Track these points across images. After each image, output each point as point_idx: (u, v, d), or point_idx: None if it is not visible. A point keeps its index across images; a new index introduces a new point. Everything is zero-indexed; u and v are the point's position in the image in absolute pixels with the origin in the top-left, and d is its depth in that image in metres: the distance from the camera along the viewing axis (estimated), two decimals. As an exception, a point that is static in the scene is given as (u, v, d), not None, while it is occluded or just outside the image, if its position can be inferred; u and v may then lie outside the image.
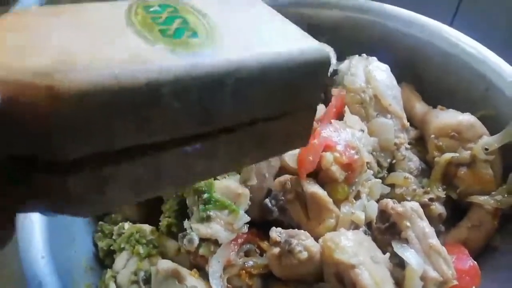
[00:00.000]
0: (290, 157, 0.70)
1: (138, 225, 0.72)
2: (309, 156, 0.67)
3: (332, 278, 0.60)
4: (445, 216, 0.74)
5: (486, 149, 0.73)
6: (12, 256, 0.95)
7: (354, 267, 0.57)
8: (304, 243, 0.60)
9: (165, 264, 0.62)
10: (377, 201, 0.72)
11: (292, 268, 0.60)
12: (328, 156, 0.67)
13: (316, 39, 0.99)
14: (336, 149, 0.68)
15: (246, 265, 0.64)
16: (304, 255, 0.59)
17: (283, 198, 0.68)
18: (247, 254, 0.67)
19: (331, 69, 0.89)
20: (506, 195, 0.72)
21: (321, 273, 0.62)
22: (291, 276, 0.62)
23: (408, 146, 0.81)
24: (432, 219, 0.70)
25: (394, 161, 0.79)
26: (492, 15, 1.05)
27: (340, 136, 0.70)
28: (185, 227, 0.66)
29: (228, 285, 0.63)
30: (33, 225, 0.63)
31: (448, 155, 0.75)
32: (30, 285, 0.56)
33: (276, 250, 0.61)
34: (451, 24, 0.92)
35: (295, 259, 0.59)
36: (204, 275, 0.64)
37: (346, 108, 0.77)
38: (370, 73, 0.82)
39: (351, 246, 0.60)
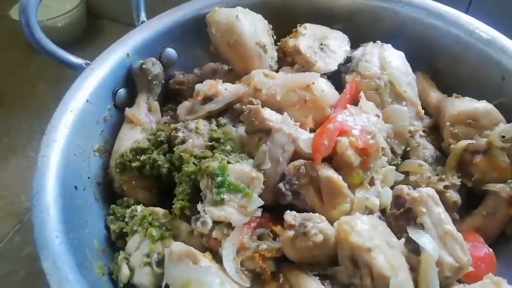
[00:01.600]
0: (304, 142, 0.70)
1: (151, 208, 0.72)
2: (324, 141, 0.67)
3: (346, 261, 0.59)
4: (460, 204, 0.73)
5: (503, 137, 0.73)
6: (26, 242, 0.97)
7: (370, 250, 0.57)
8: (319, 226, 0.60)
9: (178, 246, 0.62)
10: (391, 188, 0.71)
11: (307, 251, 0.60)
12: (344, 140, 0.66)
13: (331, 27, 0.99)
14: (352, 133, 0.67)
15: (260, 248, 0.64)
16: (320, 237, 0.59)
17: (297, 182, 0.67)
18: (260, 237, 0.66)
19: (345, 56, 0.88)
20: (522, 183, 0.71)
21: (336, 257, 0.61)
22: (305, 259, 0.61)
23: (423, 134, 0.80)
24: (447, 206, 0.69)
25: (408, 148, 0.79)
26: (507, 2, 1.03)
27: (356, 121, 0.69)
28: (198, 210, 0.66)
29: (242, 268, 0.63)
30: (48, 206, 0.63)
31: (464, 142, 0.74)
32: (44, 263, 0.56)
33: (291, 233, 0.61)
34: (466, 12, 0.91)
35: (310, 242, 0.59)
36: (217, 258, 0.63)
37: (362, 94, 0.76)
38: (385, 60, 0.82)
39: (367, 230, 0.59)
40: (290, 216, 0.62)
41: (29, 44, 0.82)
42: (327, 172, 0.66)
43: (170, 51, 0.93)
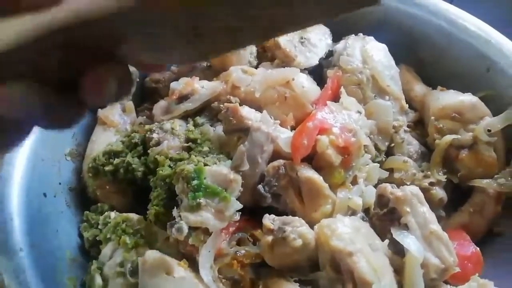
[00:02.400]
0: (284, 141, 0.67)
1: (125, 214, 0.68)
2: (304, 140, 0.64)
3: (328, 266, 0.57)
4: (445, 201, 0.71)
5: (489, 131, 0.70)
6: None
7: (352, 254, 0.55)
8: (298, 230, 0.57)
9: (152, 255, 0.59)
10: (375, 186, 0.68)
11: (286, 257, 0.57)
12: (324, 139, 0.63)
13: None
14: (332, 131, 0.64)
15: (238, 254, 0.61)
16: (299, 242, 0.56)
17: (276, 183, 0.64)
18: (239, 242, 0.64)
19: (326, 50, 0.85)
20: (509, 178, 0.69)
21: (316, 262, 0.59)
22: (285, 265, 0.59)
23: (407, 129, 0.78)
24: (432, 203, 0.67)
25: (392, 144, 0.76)
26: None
27: (336, 118, 0.66)
28: (173, 215, 0.63)
29: (219, 276, 0.60)
30: (12, 217, 0.59)
31: (449, 137, 0.72)
32: (6, 279, 0.53)
33: (269, 238, 0.58)
34: (451, 2, 0.89)
35: (289, 247, 0.56)
36: (194, 265, 0.61)
37: (342, 90, 0.74)
38: (367, 53, 0.79)
39: (348, 233, 0.57)
40: (268, 220, 0.60)
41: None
42: (307, 172, 0.63)
43: (145, 48, 0.89)
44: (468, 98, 0.74)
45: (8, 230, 0.58)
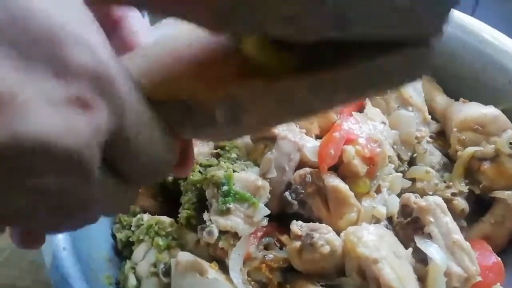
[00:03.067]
0: (310, 150, 0.70)
1: (157, 217, 0.72)
2: (330, 150, 0.66)
3: (354, 272, 0.59)
4: (467, 211, 0.73)
5: (511, 143, 0.72)
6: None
7: (377, 261, 0.57)
8: (326, 236, 0.59)
9: (185, 257, 0.62)
10: (398, 195, 0.71)
11: (314, 262, 0.60)
12: (350, 149, 0.66)
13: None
14: (358, 142, 0.66)
15: (266, 258, 0.64)
16: (326, 249, 0.58)
17: (303, 191, 0.67)
18: (266, 247, 0.66)
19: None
20: (531, 191, 0.70)
21: (343, 267, 0.61)
22: (312, 270, 0.61)
23: (430, 140, 0.80)
24: (454, 214, 0.69)
25: (415, 155, 0.78)
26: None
27: (362, 129, 0.68)
28: (204, 219, 0.66)
29: (248, 278, 0.63)
30: (54, 216, 0.63)
31: (471, 149, 0.74)
32: (52, 277, 0.56)
33: (297, 243, 0.60)
34: (472, 14, 0.90)
35: (317, 253, 0.59)
36: (223, 268, 0.63)
37: (367, 100, 0.76)
38: (391, 65, 0.81)
39: (374, 240, 0.59)
40: (296, 226, 0.62)
41: None
42: (334, 181, 0.66)
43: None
44: (490, 111, 0.76)
45: (52, 230, 0.61)
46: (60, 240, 0.60)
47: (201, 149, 0.75)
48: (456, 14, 0.88)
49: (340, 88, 0.29)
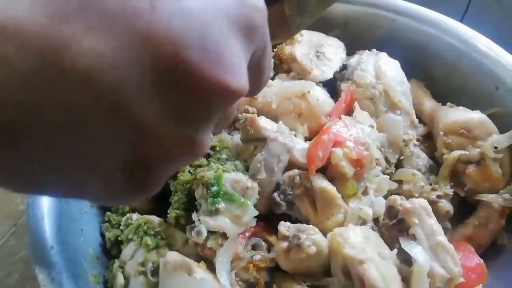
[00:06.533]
0: (300, 152, 0.70)
1: (146, 216, 0.72)
2: (319, 152, 0.67)
3: (339, 272, 0.60)
4: (452, 213, 0.74)
5: (496, 148, 0.73)
6: (21, 245, 0.97)
7: (362, 262, 0.58)
8: (312, 237, 0.60)
9: (173, 256, 0.63)
10: (385, 197, 0.72)
11: (300, 262, 0.60)
12: (338, 151, 0.67)
13: (327, 33, 1.00)
14: (346, 144, 0.67)
15: (254, 258, 0.64)
16: (313, 249, 0.59)
17: (291, 192, 0.68)
18: (254, 247, 0.67)
19: (340, 64, 0.89)
20: (514, 194, 0.72)
21: (329, 268, 0.62)
22: (299, 270, 0.62)
23: (417, 143, 0.81)
24: (439, 216, 0.70)
25: (402, 157, 0.79)
26: (503, 11, 1.04)
27: (350, 132, 0.69)
28: (193, 219, 0.66)
29: (236, 278, 0.63)
30: (43, 216, 0.63)
31: (456, 153, 0.75)
32: (39, 275, 0.57)
33: (285, 244, 0.61)
34: (461, 21, 0.92)
35: (303, 253, 0.59)
36: (211, 267, 0.64)
37: (356, 104, 0.77)
38: (380, 69, 0.82)
39: (360, 242, 0.60)
40: (284, 227, 0.63)
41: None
42: (322, 183, 0.66)
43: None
44: (476, 116, 0.77)
45: (40, 229, 0.61)
46: (48, 239, 0.61)
47: (191, 149, 0.76)
48: (446, 20, 0.90)
49: None
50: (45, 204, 0.64)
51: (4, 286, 0.92)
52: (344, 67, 0.88)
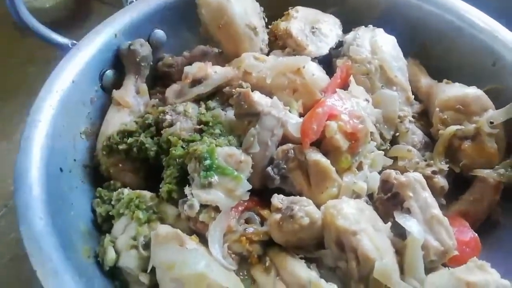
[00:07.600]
0: (294, 126, 0.69)
1: (138, 191, 0.71)
2: (313, 125, 0.66)
3: (332, 244, 0.59)
4: (447, 189, 0.74)
5: (491, 123, 0.73)
6: (12, 226, 0.96)
7: (356, 233, 0.57)
8: (306, 209, 0.60)
9: (165, 229, 0.62)
10: (379, 172, 0.71)
11: (293, 234, 0.60)
12: (332, 124, 0.66)
13: (323, 10, 0.98)
14: (341, 117, 0.67)
15: (247, 232, 0.64)
16: (306, 220, 0.59)
17: (285, 166, 0.67)
18: (247, 221, 0.66)
19: (336, 40, 0.87)
20: (509, 169, 0.72)
21: (322, 240, 0.61)
22: (291, 242, 0.62)
23: (412, 120, 0.80)
24: (434, 191, 0.69)
25: (397, 134, 0.79)
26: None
27: (345, 105, 0.69)
28: (185, 193, 0.65)
29: (229, 251, 0.62)
30: (31, 188, 0.62)
31: (452, 128, 0.74)
32: (27, 244, 0.56)
33: (278, 216, 0.61)
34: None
35: (296, 224, 0.59)
36: (204, 241, 0.63)
37: (352, 78, 0.76)
38: (376, 44, 0.81)
39: (353, 213, 0.59)
40: (277, 199, 0.62)
41: (18, 27, 0.80)
42: (315, 156, 0.66)
43: (159, 33, 0.91)
44: (473, 91, 0.76)
45: (28, 200, 0.60)
46: (37, 209, 0.59)
47: (184, 124, 0.75)
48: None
49: None
50: (34, 176, 0.63)
51: (-4, 265, 0.91)
52: (340, 44, 0.87)
